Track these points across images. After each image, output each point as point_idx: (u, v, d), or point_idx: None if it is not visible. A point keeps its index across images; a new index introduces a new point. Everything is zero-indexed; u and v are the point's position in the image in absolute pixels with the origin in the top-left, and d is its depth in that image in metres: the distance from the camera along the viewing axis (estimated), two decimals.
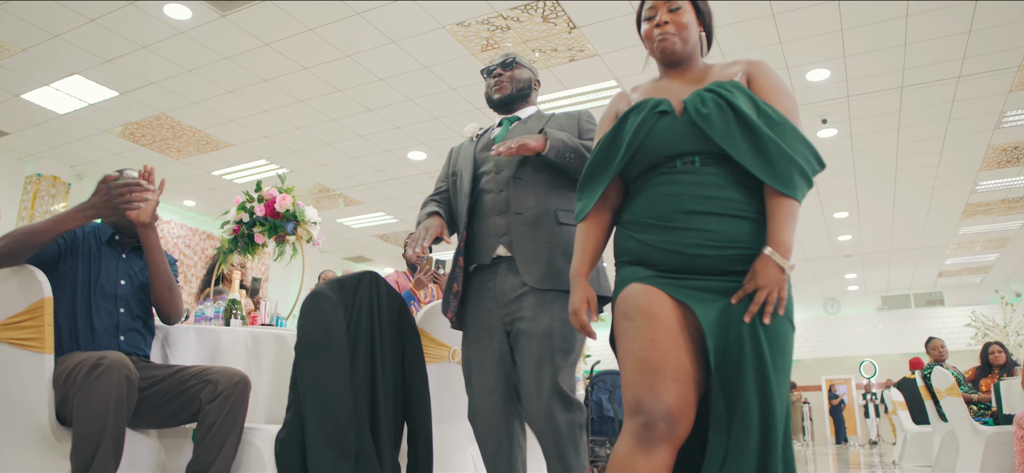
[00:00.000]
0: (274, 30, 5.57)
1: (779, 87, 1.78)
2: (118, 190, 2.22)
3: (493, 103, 2.47)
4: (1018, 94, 6.80)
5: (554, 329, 2.09)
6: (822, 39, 5.78)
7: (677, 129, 1.72)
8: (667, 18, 1.83)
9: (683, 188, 1.69)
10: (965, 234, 12.24)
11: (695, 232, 1.65)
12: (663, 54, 1.85)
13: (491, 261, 2.22)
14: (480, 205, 2.29)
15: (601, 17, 5.46)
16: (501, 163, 2.29)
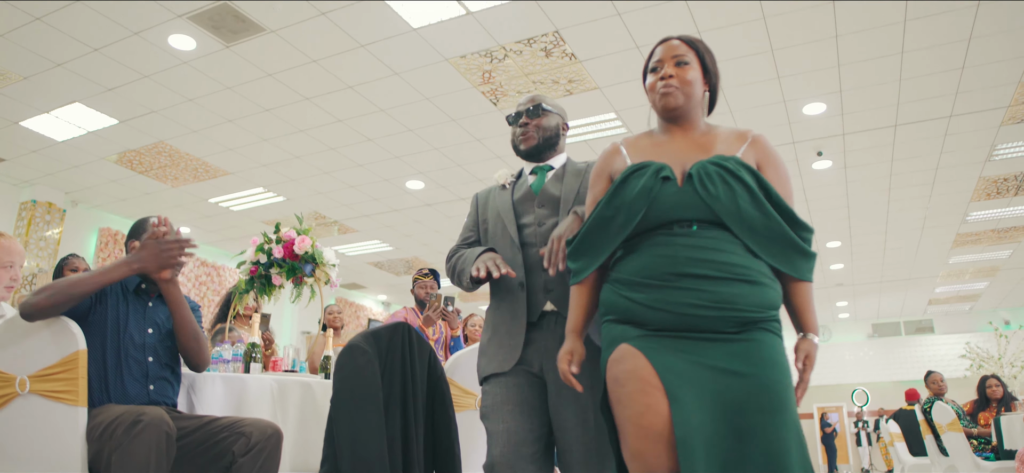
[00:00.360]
0: (277, 61, 5.60)
1: (785, 176, 1.84)
2: (169, 248, 2.23)
3: (521, 154, 2.37)
4: (1008, 128, 6.91)
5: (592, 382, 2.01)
6: (819, 74, 5.87)
7: (679, 198, 1.73)
8: (672, 72, 1.85)
9: (678, 250, 1.69)
10: (955, 263, 12.36)
11: (689, 291, 1.65)
12: (664, 108, 1.86)
13: (537, 318, 2.14)
14: (525, 260, 2.19)
15: (602, 51, 5.52)
16: (542, 217, 2.22)
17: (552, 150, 2.36)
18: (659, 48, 1.93)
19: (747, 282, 1.67)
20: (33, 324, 2.07)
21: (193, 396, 2.45)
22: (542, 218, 2.21)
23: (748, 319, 1.65)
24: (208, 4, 4.89)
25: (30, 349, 1.94)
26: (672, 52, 1.88)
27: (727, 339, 1.64)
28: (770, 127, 6.82)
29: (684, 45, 1.90)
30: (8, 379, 2.05)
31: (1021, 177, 8.28)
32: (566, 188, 2.23)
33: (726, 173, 1.71)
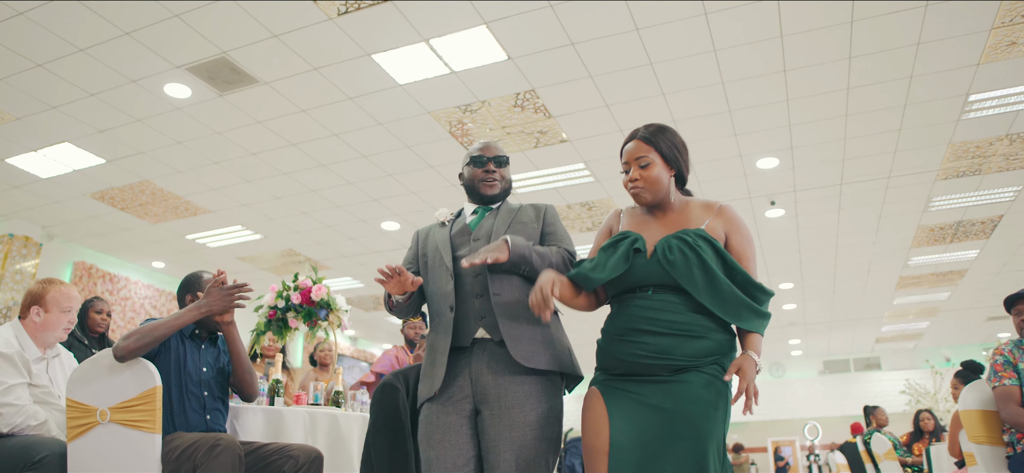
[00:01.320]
0: (268, 110, 5.90)
1: (748, 242, 2.18)
2: (230, 293, 2.57)
3: (478, 196, 2.50)
4: (942, 183, 7.52)
5: (537, 418, 2.19)
6: (772, 132, 6.38)
7: (644, 268, 2.12)
8: (637, 175, 2.19)
9: (633, 311, 2.11)
10: (899, 304, 13.05)
11: (636, 344, 2.06)
12: (637, 203, 2.25)
13: (470, 344, 2.29)
14: (459, 288, 2.33)
15: (575, 109, 5.94)
16: (477, 250, 2.35)
17: (502, 200, 2.57)
18: (625, 148, 2.26)
19: (684, 336, 2.04)
20: (112, 363, 2.36)
21: (236, 425, 2.76)
22: (475, 251, 2.35)
23: (681, 365, 2.02)
24: (207, 57, 5.19)
25: (111, 385, 2.22)
26: (635, 154, 2.21)
27: (663, 380, 2.03)
28: (727, 178, 7.32)
29: (644, 145, 2.21)
30: (89, 410, 2.34)
31: (956, 226, 8.92)
32: (499, 223, 2.43)
33: (684, 245, 2.07)
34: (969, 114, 6.09)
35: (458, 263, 2.36)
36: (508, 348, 2.21)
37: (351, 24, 4.83)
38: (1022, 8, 4.69)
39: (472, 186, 2.52)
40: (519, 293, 2.30)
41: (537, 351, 2.24)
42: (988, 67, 5.38)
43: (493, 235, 2.39)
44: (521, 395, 2.19)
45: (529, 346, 2.23)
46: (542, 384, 2.24)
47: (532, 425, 2.17)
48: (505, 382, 2.21)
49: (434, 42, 5.05)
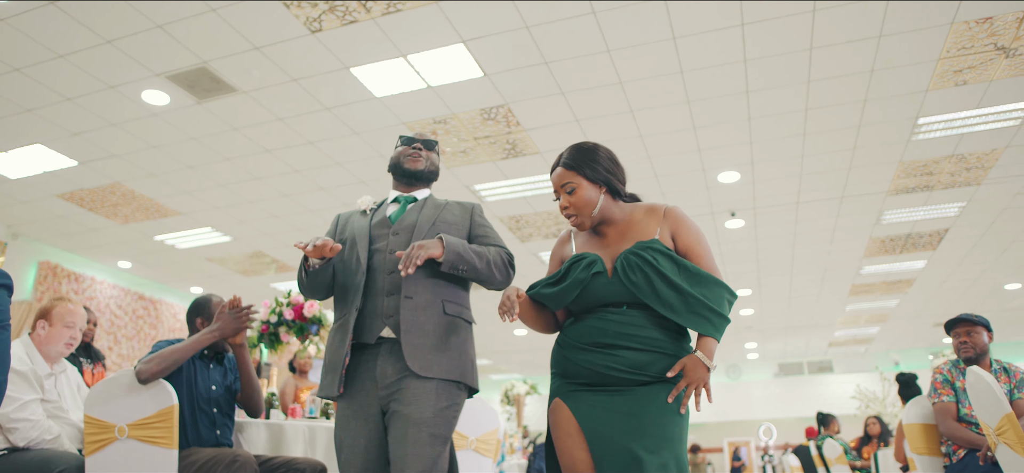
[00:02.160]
0: (245, 117, 5.98)
1: (697, 237, 2.18)
2: (241, 317, 2.72)
3: (402, 171, 2.46)
4: (893, 198, 7.90)
5: (431, 417, 2.15)
6: (734, 149, 6.66)
7: (608, 286, 2.11)
8: (567, 202, 2.18)
9: (610, 326, 2.09)
10: (851, 310, 13.54)
11: (613, 357, 2.06)
12: (576, 227, 2.23)
13: (375, 341, 2.24)
14: (370, 283, 2.28)
15: (546, 123, 6.14)
16: (395, 245, 2.31)
17: (426, 184, 2.51)
18: (552, 177, 2.25)
19: (659, 352, 2.06)
20: (130, 383, 2.49)
21: (241, 438, 2.89)
22: (395, 245, 2.31)
23: (652, 379, 2.05)
24: (187, 66, 5.26)
25: (128, 403, 2.34)
26: (560, 182, 2.20)
27: (631, 390, 2.04)
28: (690, 191, 7.60)
29: (566, 172, 2.19)
30: (107, 426, 2.46)
31: (906, 238, 9.35)
32: (423, 218, 2.36)
33: (643, 262, 2.07)
34: (918, 136, 6.44)
35: (373, 256, 2.31)
36: (404, 355, 2.16)
37: (331, 39, 4.96)
38: (966, 40, 5.01)
39: (397, 164, 2.49)
40: (430, 296, 2.25)
41: (435, 360, 2.20)
42: (936, 93, 5.71)
43: (416, 229, 2.33)
44: (419, 394, 2.15)
45: (428, 355, 2.19)
46: (438, 386, 2.19)
47: (425, 423, 2.13)
48: (407, 383, 2.17)
49: (412, 58, 5.20)
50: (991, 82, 5.56)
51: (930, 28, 4.88)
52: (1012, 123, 6.23)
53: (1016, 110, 6.01)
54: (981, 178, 7.42)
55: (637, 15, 4.73)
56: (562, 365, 2.18)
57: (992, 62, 5.28)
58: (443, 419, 2.17)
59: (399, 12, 4.68)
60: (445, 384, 2.21)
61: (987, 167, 7.15)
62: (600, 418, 2.04)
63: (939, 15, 4.74)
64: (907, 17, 4.75)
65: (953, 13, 4.72)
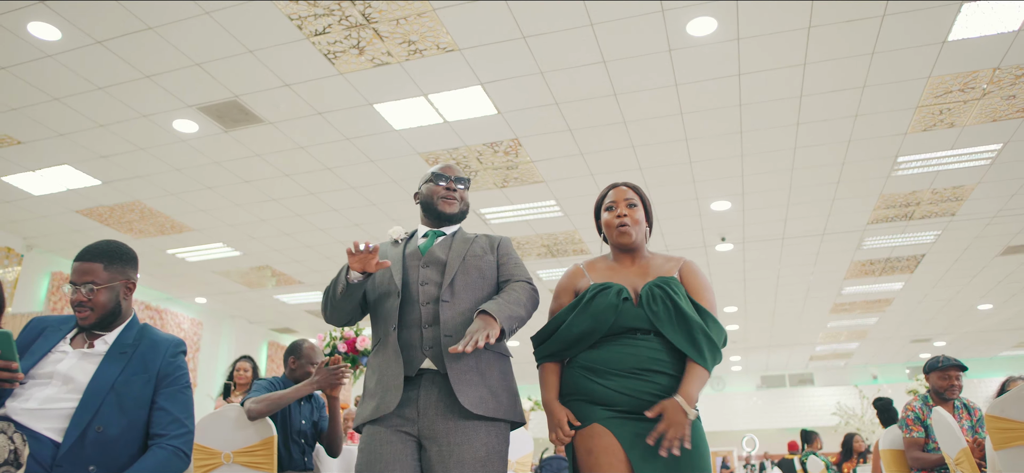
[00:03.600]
0: (268, 145, 6.32)
1: (705, 285, 2.30)
2: (337, 375, 3.12)
3: (435, 213, 2.45)
4: (873, 226, 8.38)
5: (486, 455, 2.15)
6: (727, 181, 7.10)
7: (636, 313, 2.20)
8: (626, 213, 2.31)
9: (641, 350, 2.16)
10: (832, 327, 14.05)
11: (647, 382, 2.12)
12: (621, 244, 2.32)
13: (416, 374, 2.23)
14: (406, 314, 2.28)
15: (552, 155, 6.53)
16: (427, 277, 2.32)
17: (459, 223, 2.52)
18: (612, 191, 2.39)
19: (679, 377, 2.14)
20: (237, 417, 2.86)
21: (319, 464, 3.29)
22: (426, 278, 2.31)
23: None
24: (220, 100, 5.60)
25: (234, 434, 2.68)
26: (623, 196, 2.36)
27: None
28: (684, 217, 8.03)
29: (631, 191, 2.38)
30: (214, 453, 2.83)
31: (885, 262, 9.83)
32: (453, 253, 2.36)
33: (664, 294, 2.19)
34: (898, 172, 6.91)
35: (407, 287, 2.31)
36: (456, 393, 2.15)
37: (359, 79, 5.32)
38: (942, 91, 5.47)
39: (430, 203, 2.46)
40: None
41: (485, 398, 2.20)
42: (914, 136, 6.17)
43: (448, 264, 2.33)
44: (469, 432, 2.15)
45: (477, 392, 2.19)
46: (488, 426, 2.20)
47: (480, 462, 2.13)
48: (453, 421, 2.16)
49: (432, 96, 5.57)
50: (965, 127, 6.02)
51: (910, 81, 5.33)
52: (983, 163, 6.71)
53: (987, 151, 6.49)
54: (955, 210, 7.91)
55: (644, 64, 5.14)
56: (590, 390, 2.17)
57: (965, 109, 5.75)
58: (496, 459, 2.18)
59: (424, 57, 5.05)
60: (494, 424, 2.21)
61: (961, 200, 7.63)
62: (643, 447, 2.06)
63: (918, 69, 5.19)
64: (890, 70, 5.19)
65: (930, 68, 5.17)
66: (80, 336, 2.18)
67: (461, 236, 2.46)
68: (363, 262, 2.18)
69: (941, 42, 4.89)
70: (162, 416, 2.10)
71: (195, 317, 11.55)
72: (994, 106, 5.71)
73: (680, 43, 4.91)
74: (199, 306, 11.63)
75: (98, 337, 2.16)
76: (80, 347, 2.13)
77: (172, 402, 2.13)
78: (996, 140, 6.28)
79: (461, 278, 2.31)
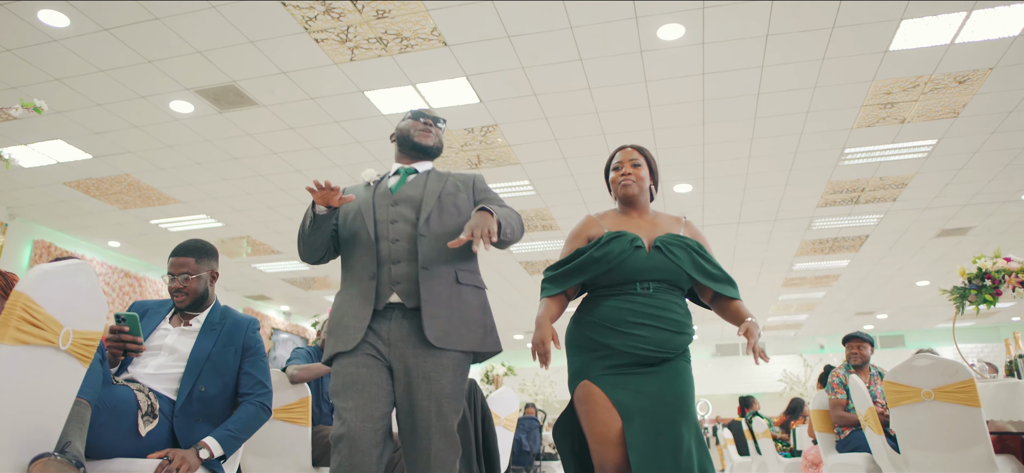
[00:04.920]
0: (260, 125, 6.64)
1: (706, 243, 2.50)
2: None
3: (411, 144, 2.52)
4: (822, 209, 9.02)
5: (449, 387, 2.25)
6: (688, 166, 7.63)
7: (646, 261, 2.34)
8: (630, 171, 2.49)
9: (637, 306, 2.30)
10: (783, 300, 14.84)
11: (639, 338, 2.27)
12: (623, 197, 2.49)
13: (384, 308, 2.30)
14: (375, 252, 2.34)
15: (528, 140, 6.98)
16: (396, 214, 2.38)
17: (431, 158, 2.59)
18: (619, 153, 2.56)
19: (678, 332, 2.32)
20: (277, 381, 3.26)
21: None
22: (396, 216, 2.37)
23: (668, 355, 2.30)
24: (217, 84, 5.91)
25: (276, 395, 3.06)
26: (629, 157, 2.53)
27: (655, 370, 2.28)
28: None
29: (637, 152, 2.55)
30: None
31: (832, 241, 10.54)
32: (428, 191, 2.42)
33: (684, 244, 2.39)
34: (845, 162, 7.52)
35: (378, 226, 2.36)
36: (424, 328, 2.23)
37: (353, 69, 5.68)
38: (884, 93, 6.04)
39: (406, 137, 2.54)
40: (443, 268, 2.34)
41: (451, 331, 2.27)
42: (859, 131, 6.77)
43: (424, 201, 2.39)
44: (435, 366, 2.24)
45: (445, 326, 2.26)
46: (454, 357, 2.28)
47: (447, 396, 2.23)
48: (421, 353, 2.24)
49: (420, 86, 5.96)
50: (904, 124, 6.63)
51: (856, 83, 5.89)
52: (921, 155, 7.36)
53: (924, 145, 7.12)
54: (896, 195, 8.58)
55: (617, 62, 5.60)
56: (589, 345, 2.34)
57: (905, 109, 6.34)
58: (459, 391, 2.29)
59: (415, 51, 5.44)
60: (458, 356, 2.29)
61: (901, 187, 8.30)
62: (633, 401, 2.24)
63: (864, 73, 5.74)
64: (839, 73, 5.74)
65: (874, 72, 5.73)
66: (177, 316, 2.67)
67: (435, 174, 2.51)
68: (326, 197, 2.27)
69: (883, 51, 5.44)
70: (248, 379, 2.60)
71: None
72: (930, 107, 6.31)
73: (651, 45, 5.38)
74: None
75: (192, 317, 2.64)
76: (178, 326, 2.62)
77: (255, 368, 2.63)
78: (932, 136, 6.91)
79: (437, 215, 2.38)
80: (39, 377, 1.74)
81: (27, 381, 1.71)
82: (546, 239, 10.34)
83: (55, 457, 1.75)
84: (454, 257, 2.35)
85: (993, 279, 3.68)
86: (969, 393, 3.01)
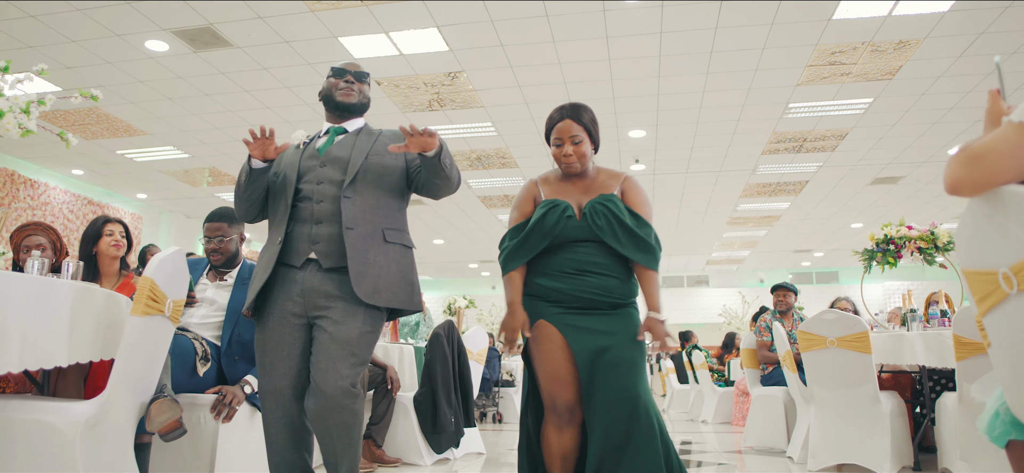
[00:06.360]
0: (234, 65, 6.82)
1: (644, 199, 2.53)
2: None
3: (334, 104, 2.53)
4: (767, 156, 9.60)
5: (356, 338, 2.33)
6: (642, 114, 8.07)
7: (579, 227, 2.47)
8: (570, 151, 2.49)
9: (581, 257, 2.44)
10: (727, 237, 15.60)
11: (586, 282, 2.41)
12: (566, 173, 2.55)
13: (301, 264, 2.36)
14: (297, 212, 2.39)
15: (492, 85, 7.30)
16: (323, 176, 2.42)
17: (358, 115, 2.58)
18: (557, 127, 2.52)
19: (616, 278, 2.44)
20: None
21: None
22: (322, 177, 2.41)
23: (618, 302, 2.42)
24: (194, 25, 6.06)
25: None
26: (569, 132, 2.49)
27: (606, 313, 2.41)
28: (605, 142, 8.98)
29: (575, 125, 2.50)
30: None
31: (775, 185, 11.18)
32: (356, 151, 2.45)
33: (606, 210, 2.44)
34: (788, 115, 8.05)
35: (302, 188, 2.40)
36: (352, 284, 2.30)
37: (328, 16, 5.90)
38: (827, 56, 6.52)
39: (330, 96, 2.55)
40: (370, 227, 2.39)
41: (381, 289, 2.36)
42: (803, 88, 7.27)
43: (351, 162, 2.42)
44: (348, 315, 2.33)
45: (374, 284, 2.35)
46: (367, 311, 2.37)
47: (354, 342, 2.31)
48: (334, 303, 2.33)
49: (393, 34, 6.22)
50: (843, 84, 7.15)
51: (801, 46, 6.35)
52: (858, 112, 7.93)
53: (860, 103, 7.69)
54: (835, 146, 9.18)
55: (581, 19, 5.94)
56: (540, 292, 2.47)
57: (844, 71, 6.86)
58: (366, 342, 2.36)
59: (390, 1, 5.69)
60: (371, 311, 2.38)
61: (840, 139, 8.89)
62: (582, 336, 2.37)
63: (808, 38, 6.20)
64: (785, 37, 6.18)
65: (818, 37, 6.19)
66: (212, 272, 3.05)
67: (366, 131, 2.54)
68: (262, 148, 2.34)
69: (827, 19, 5.89)
70: None
71: (136, 212, 11.89)
72: (868, 69, 6.82)
73: (613, 4, 5.73)
74: (140, 201, 11.95)
75: (226, 273, 3.02)
76: (214, 281, 2.99)
77: None
78: (869, 95, 7.46)
79: (363, 175, 2.42)
80: (155, 338, 2.23)
81: (149, 341, 2.19)
82: (504, 176, 10.73)
83: (167, 396, 2.21)
84: (380, 216, 2.41)
85: (896, 245, 4.25)
86: (863, 342, 3.65)
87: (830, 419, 4.00)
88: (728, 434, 6.65)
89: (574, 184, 2.54)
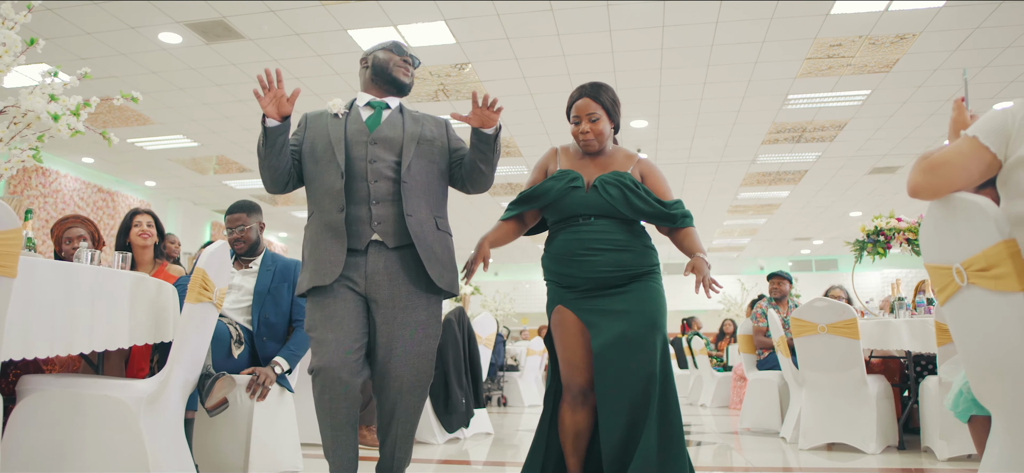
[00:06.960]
0: (245, 57, 6.97)
1: (661, 178, 2.56)
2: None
3: (389, 78, 2.49)
4: (767, 145, 9.75)
5: (426, 319, 2.40)
6: (645, 104, 8.23)
7: (583, 199, 2.47)
8: (588, 127, 2.48)
9: (582, 235, 2.45)
10: (728, 225, 15.77)
11: (593, 262, 2.42)
12: (585, 150, 2.54)
13: (365, 247, 2.34)
14: (351, 190, 2.33)
15: (497, 77, 7.45)
16: (376, 154, 2.37)
17: (403, 95, 2.57)
18: (576, 104, 2.52)
19: (628, 250, 2.43)
20: None
21: None
22: (375, 155, 2.36)
23: (634, 273, 2.42)
24: (207, 18, 6.21)
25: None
26: (587, 110, 2.49)
27: (622, 289, 2.41)
28: None
29: (593, 103, 2.50)
30: None
31: (775, 174, 11.33)
32: (407, 136, 2.42)
33: (619, 183, 2.44)
34: (788, 107, 8.20)
35: (353, 163, 2.34)
36: (426, 267, 2.34)
37: (340, 10, 6.05)
38: (825, 49, 6.67)
39: (385, 69, 2.50)
40: (425, 214, 2.41)
41: (443, 273, 2.42)
42: (802, 80, 7.42)
43: (404, 147, 2.39)
44: (414, 299, 2.36)
45: (439, 268, 2.40)
46: (430, 293, 2.42)
47: (423, 324, 2.36)
48: (399, 286, 2.34)
49: (402, 27, 6.37)
50: (842, 76, 7.30)
51: (801, 40, 6.50)
52: (856, 104, 8.08)
53: (858, 95, 7.84)
54: (833, 136, 9.34)
55: (585, 13, 6.09)
56: (555, 276, 2.54)
57: (842, 64, 7.01)
58: (437, 324, 2.45)
59: None
60: (435, 293, 2.45)
61: (839, 129, 9.04)
62: (597, 321, 2.40)
63: (808, 31, 6.35)
64: (785, 30, 6.33)
65: (817, 31, 6.34)
66: (237, 261, 3.19)
67: (409, 116, 2.51)
68: (276, 101, 2.26)
69: (826, 14, 6.04)
70: (298, 309, 3.20)
71: (144, 199, 12.05)
72: (866, 62, 6.97)
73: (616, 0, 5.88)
74: (148, 189, 12.11)
75: (249, 260, 3.20)
76: (239, 269, 3.15)
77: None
78: (867, 87, 7.61)
79: (416, 162, 2.41)
80: (205, 323, 2.45)
81: (201, 326, 2.41)
82: (509, 165, 10.88)
83: (225, 375, 2.49)
84: (431, 203, 2.44)
85: (886, 235, 4.44)
86: (852, 328, 3.88)
87: (820, 401, 4.22)
88: (726, 417, 6.87)
89: (592, 161, 2.55)
